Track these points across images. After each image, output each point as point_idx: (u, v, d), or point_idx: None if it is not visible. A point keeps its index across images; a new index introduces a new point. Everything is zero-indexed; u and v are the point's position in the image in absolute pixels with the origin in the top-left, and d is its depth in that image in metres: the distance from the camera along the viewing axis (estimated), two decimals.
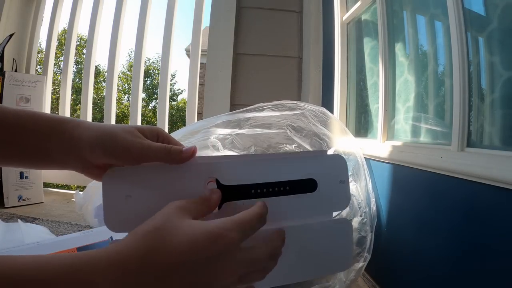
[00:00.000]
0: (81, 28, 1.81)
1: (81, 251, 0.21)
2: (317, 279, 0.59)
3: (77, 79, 8.68)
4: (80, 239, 0.60)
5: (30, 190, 1.28)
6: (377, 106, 0.84)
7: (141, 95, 1.59)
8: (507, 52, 0.48)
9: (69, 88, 1.63)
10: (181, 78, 17.13)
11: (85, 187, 0.98)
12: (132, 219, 0.27)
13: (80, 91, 1.62)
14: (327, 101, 1.19)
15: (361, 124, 1.03)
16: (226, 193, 0.29)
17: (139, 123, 1.54)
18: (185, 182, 0.29)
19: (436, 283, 0.53)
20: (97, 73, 9.38)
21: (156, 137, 0.31)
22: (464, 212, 0.47)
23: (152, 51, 14.89)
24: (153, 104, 11.47)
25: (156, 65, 11.83)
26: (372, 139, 0.88)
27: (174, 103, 11.82)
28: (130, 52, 11.25)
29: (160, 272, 0.22)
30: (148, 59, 11.96)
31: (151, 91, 11.70)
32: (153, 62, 12.07)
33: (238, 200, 0.30)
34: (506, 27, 0.48)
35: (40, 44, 3.52)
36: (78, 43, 8.33)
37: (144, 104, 10.95)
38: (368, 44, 0.97)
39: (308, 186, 0.32)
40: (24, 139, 0.28)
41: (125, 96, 10.76)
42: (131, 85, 1.60)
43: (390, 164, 0.69)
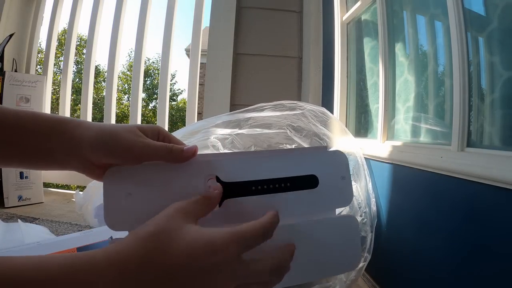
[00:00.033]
0: (81, 28, 1.81)
1: (81, 252, 0.21)
2: (317, 280, 0.59)
3: (77, 79, 8.68)
4: (80, 239, 0.60)
5: (30, 190, 1.28)
6: (377, 106, 0.84)
7: (141, 95, 1.59)
8: (507, 52, 0.48)
9: (69, 88, 1.63)
10: (181, 78, 17.15)
11: (85, 187, 0.98)
12: (132, 218, 0.27)
13: (80, 91, 1.62)
14: (327, 101, 1.19)
15: (361, 124, 1.03)
16: (227, 190, 0.29)
17: (139, 123, 1.54)
18: (185, 180, 0.29)
19: (436, 283, 0.53)
20: (97, 73, 9.38)
21: (157, 136, 0.31)
22: (464, 212, 0.47)
23: (152, 51, 14.91)
24: (153, 104, 11.47)
25: (156, 65, 11.83)
26: (372, 139, 0.88)
27: (174, 103, 11.82)
28: (130, 52, 11.25)
29: (160, 273, 0.22)
30: (148, 59, 11.97)
31: (151, 91, 11.70)
32: (153, 62, 12.08)
33: (239, 197, 0.29)
34: (506, 27, 0.48)
35: (40, 44, 3.51)
36: (78, 43, 8.32)
37: (144, 104, 10.95)
38: (368, 44, 0.97)
39: (310, 182, 0.31)
40: (24, 140, 0.28)
41: (125, 96, 10.76)
42: (131, 85, 1.60)
43: (390, 164, 0.69)
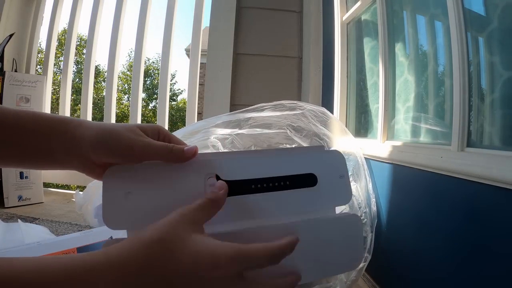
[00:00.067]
0: (81, 28, 1.81)
1: (82, 253, 0.21)
2: (317, 280, 0.59)
3: (77, 79, 8.68)
4: (80, 239, 0.60)
5: (30, 190, 1.28)
6: (377, 106, 0.84)
7: (141, 95, 1.59)
8: (507, 52, 0.48)
9: (69, 88, 1.63)
10: (181, 78, 17.15)
11: (85, 187, 0.98)
12: (132, 216, 0.28)
13: (80, 91, 1.62)
14: (327, 101, 1.19)
15: (361, 124, 1.03)
16: None
17: (139, 123, 1.54)
18: (185, 179, 0.29)
19: (436, 283, 0.53)
20: (97, 73, 9.38)
21: (157, 135, 0.31)
22: (464, 212, 0.47)
23: (152, 51, 14.91)
24: (153, 104, 11.46)
25: (156, 65, 11.82)
26: (372, 139, 0.88)
27: (174, 103, 11.82)
28: (130, 52, 11.25)
29: (160, 277, 0.22)
30: (148, 59, 11.97)
31: (151, 91, 11.70)
32: (153, 62, 12.08)
33: (239, 195, 0.30)
34: (506, 27, 0.48)
35: (40, 44, 3.52)
36: (78, 43, 8.32)
37: (144, 104, 10.95)
38: (368, 44, 0.97)
39: (308, 181, 0.32)
40: (24, 140, 0.28)
41: (125, 96, 10.76)
42: (131, 85, 1.60)
43: (390, 164, 0.69)
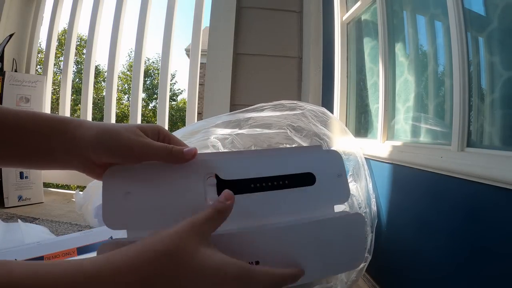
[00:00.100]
0: (81, 28, 1.81)
1: (82, 258, 0.21)
2: (317, 280, 0.59)
3: (77, 79, 8.68)
4: (80, 239, 0.60)
5: (30, 190, 1.28)
6: (377, 106, 0.84)
7: (141, 95, 1.59)
8: (507, 52, 0.48)
9: (69, 88, 1.63)
10: (181, 78, 17.15)
11: (85, 187, 0.98)
12: (131, 217, 0.28)
13: (80, 91, 1.62)
14: (327, 101, 1.19)
15: (361, 124, 1.03)
16: (226, 188, 0.29)
17: (139, 123, 1.54)
18: (185, 179, 0.29)
19: (437, 283, 0.53)
20: (97, 73, 9.38)
21: (157, 135, 0.31)
22: (464, 212, 0.47)
23: (152, 51, 14.89)
24: (153, 104, 11.46)
25: (156, 65, 11.82)
26: (372, 139, 0.88)
27: (174, 103, 11.82)
28: (130, 52, 11.25)
29: (166, 278, 0.22)
30: (148, 59, 11.97)
31: (151, 91, 11.70)
32: (153, 62, 12.08)
33: (238, 195, 0.30)
34: (506, 27, 0.48)
35: (40, 44, 3.52)
36: (78, 43, 8.32)
37: (144, 104, 10.95)
38: (368, 44, 0.97)
39: (307, 180, 0.32)
40: (24, 140, 0.28)
41: (125, 96, 10.76)
42: (131, 85, 1.60)
43: (390, 164, 0.69)
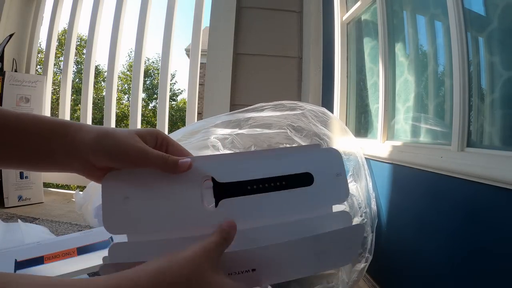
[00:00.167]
0: (81, 28, 1.81)
1: (89, 278, 0.21)
2: (319, 280, 0.59)
3: (77, 79, 8.68)
4: (80, 239, 0.60)
5: (30, 190, 1.28)
6: (377, 106, 0.84)
7: (141, 95, 1.59)
8: (507, 52, 0.48)
9: (69, 88, 1.63)
10: (181, 78, 17.12)
11: (85, 187, 0.98)
12: (130, 221, 0.28)
13: (80, 91, 1.62)
14: (327, 101, 1.19)
15: (361, 124, 1.03)
16: (223, 190, 0.29)
17: (139, 123, 1.55)
18: (182, 183, 0.29)
19: (437, 283, 0.53)
20: (97, 73, 9.38)
21: (155, 140, 0.31)
22: (464, 212, 0.47)
23: (152, 51, 14.88)
24: (153, 104, 11.46)
25: (156, 65, 11.81)
26: (372, 139, 0.88)
27: (174, 103, 11.81)
28: (130, 52, 11.25)
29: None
30: (148, 59, 11.96)
31: (151, 91, 11.69)
32: (153, 62, 12.07)
33: (235, 197, 0.30)
34: (506, 27, 0.48)
35: (40, 44, 3.51)
36: (78, 43, 8.32)
37: (144, 104, 10.94)
38: (368, 44, 0.97)
39: (305, 180, 0.31)
40: (25, 142, 0.28)
41: (125, 96, 10.75)
42: (131, 85, 1.60)
43: (390, 164, 0.69)
